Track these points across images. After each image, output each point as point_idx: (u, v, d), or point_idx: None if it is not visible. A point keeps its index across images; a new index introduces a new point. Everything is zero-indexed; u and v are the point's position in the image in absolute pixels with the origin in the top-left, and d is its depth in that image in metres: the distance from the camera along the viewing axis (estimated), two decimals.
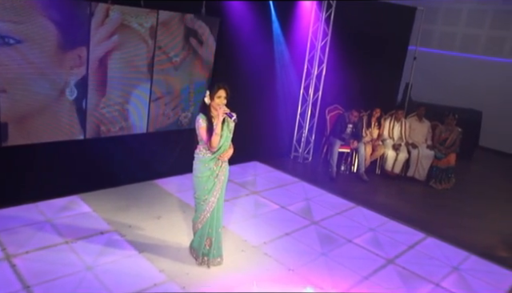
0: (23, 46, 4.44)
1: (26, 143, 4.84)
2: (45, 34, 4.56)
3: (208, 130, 3.71)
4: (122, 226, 4.55)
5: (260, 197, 5.82)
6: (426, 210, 6.26)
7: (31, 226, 4.33)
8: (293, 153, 7.92)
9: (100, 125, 5.35)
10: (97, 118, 5.30)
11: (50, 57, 4.65)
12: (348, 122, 7.19)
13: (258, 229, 4.91)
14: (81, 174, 5.25)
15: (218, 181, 3.89)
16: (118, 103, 5.45)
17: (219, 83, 3.74)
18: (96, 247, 4.11)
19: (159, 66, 5.64)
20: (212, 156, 3.81)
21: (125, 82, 5.47)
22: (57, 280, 3.56)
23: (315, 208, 5.66)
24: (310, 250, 4.57)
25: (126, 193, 5.38)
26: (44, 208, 4.72)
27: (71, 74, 4.88)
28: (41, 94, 4.72)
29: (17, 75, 4.49)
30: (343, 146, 7.24)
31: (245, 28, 6.27)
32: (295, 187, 6.35)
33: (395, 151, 7.34)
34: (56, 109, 4.89)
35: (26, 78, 4.56)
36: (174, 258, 4.11)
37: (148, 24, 5.37)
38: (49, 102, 4.81)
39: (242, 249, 4.44)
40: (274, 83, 7.27)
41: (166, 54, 5.67)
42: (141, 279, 3.72)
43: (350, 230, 5.14)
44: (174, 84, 5.89)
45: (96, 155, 5.38)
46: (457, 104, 9.12)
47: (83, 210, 4.80)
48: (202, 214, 3.91)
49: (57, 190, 5.00)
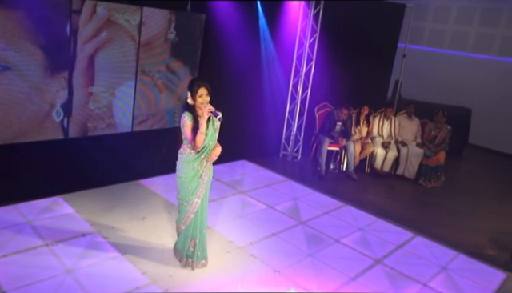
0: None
1: (6, 143, 4.73)
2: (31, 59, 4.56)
3: (193, 129, 3.62)
4: (104, 228, 4.45)
5: (247, 196, 5.74)
6: (415, 208, 6.23)
7: (10, 229, 4.20)
8: (282, 151, 7.85)
9: (86, 123, 5.25)
10: (83, 117, 5.20)
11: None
12: (337, 119, 7.14)
13: (245, 229, 4.83)
14: (64, 174, 5.13)
15: (202, 181, 3.80)
16: (104, 101, 5.36)
17: (198, 82, 3.64)
18: (77, 250, 4.00)
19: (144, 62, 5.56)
20: (196, 155, 3.72)
21: (112, 79, 5.39)
22: (35, 284, 3.45)
23: (303, 208, 5.59)
24: (296, 250, 4.50)
25: (110, 193, 5.27)
26: (24, 209, 4.59)
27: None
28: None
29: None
30: (332, 144, 7.18)
31: (231, 26, 6.19)
32: (283, 186, 6.28)
33: (384, 149, 7.30)
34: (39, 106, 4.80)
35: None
36: (158, 260, 4.01)
37: (135, 21, 5.29)
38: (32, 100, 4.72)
39: (228, 250, 4.36)
40: (262, 81, 7.18)
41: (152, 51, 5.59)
42: (123, 282, 3.62)
43: (338, 230, 5.08)
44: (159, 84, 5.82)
45: (79, 155, 5.26)
46: (446, 102, 9.10)
47: (65, 212, 4.69)
48: (186, 215, 3.82)
49: (39, 191, 4.87)
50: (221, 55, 6.25)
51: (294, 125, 7.65)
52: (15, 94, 4.60)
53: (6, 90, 4.51)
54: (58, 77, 4.87)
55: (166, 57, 5.79)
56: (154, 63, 5.72)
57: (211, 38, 6.06)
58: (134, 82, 5.57)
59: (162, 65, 5.80)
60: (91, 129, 5.36)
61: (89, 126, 5.33)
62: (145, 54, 5.55)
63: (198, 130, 3.57)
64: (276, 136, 7.79)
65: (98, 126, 5.43)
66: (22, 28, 4.45)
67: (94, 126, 5.38)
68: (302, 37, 7.32)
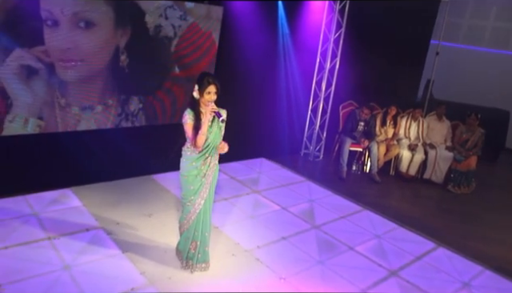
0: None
1: (18, 134, 4.72)
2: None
3: (194, 128, 3.44)
4: (109, 223, 4.35)
5: (261, 196, 5.53)
6: (440, 216, 5.84)
7: (16, 220, 4.17)
8: (303, 150, 7.59)
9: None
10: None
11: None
12: (359, 119, 6.81)
13: (254, 231, 4.63)
14: (75, 166, 5.08)
15: (206, 181, 3.62)
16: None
17: (209, 78, 3.43)
18: (78, 245, 3.92)
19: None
20: (199, 154, 3.55)
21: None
22: (30, 279, 3.38)
23: (318, 211, 5.34)
24: (306, 257, 4.26)
25: (120, 187, 5.18)
26: (33, 201, 4.56)
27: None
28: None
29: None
30: (354, 144, 6.87)
31: (250, 18, 5.97)
32: (300, 187, 6.03)
33: (411, 152, 6.91)
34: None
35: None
36: (159, 260, 3.88)
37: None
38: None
39: (233, 253, 4.17)
40: (283, 77, 6.95)
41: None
42: (118, 282, 3.50)
43: (353, 237, 4.80)
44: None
45: (92, 147, 5.23)
46: (481, 103, 8.56)
47: (73, 205, 4.63)
48: (188, 215, 3.66)
49: (49, 183, 4.84)
50: (239, 49, 6.05)
51: (317, 123, 7.37)
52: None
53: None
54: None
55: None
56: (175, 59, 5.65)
57: (229, 30, 5.87)
58: (165, 78, 5.54)
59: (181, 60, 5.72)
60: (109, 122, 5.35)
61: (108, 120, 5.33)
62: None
63: (199, 130, 3.39)
64: (298, 134, 7.55)
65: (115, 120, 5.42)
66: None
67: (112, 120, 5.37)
68: (327, 32, 7.01)
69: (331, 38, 6.98)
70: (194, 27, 5.65)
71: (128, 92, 5.47)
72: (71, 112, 5.08)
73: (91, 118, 5.26)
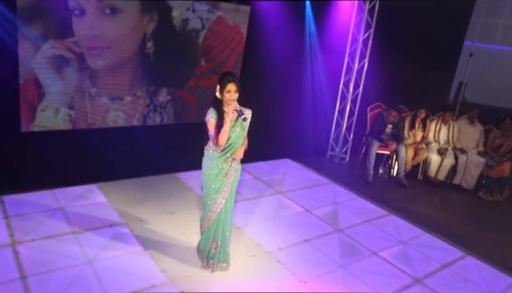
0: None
1: (46, 130, 4.84)
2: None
3: (217, 127, 3.44)
4: (132, 220, 4.41)
5: (285, 197, 5.48)
6: (470, 224, 5.64)
7: (43, 213, 4.28)
8: (329, 152, 7.50)
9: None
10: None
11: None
12: (387, 121, 6.66)
13: (276, 233, 4.59)
14: (101, 162, 5.16)
15: (227, 180, 3.61)
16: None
17: (228, 76, 3.43)
18: (102, 240, 3.99)
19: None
20: (221, 153, 3.54)
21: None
22: (54, 272, 3.46)
23: (342, 214, 5.25)
24: (328, 260, 4.19)
25: (145, 185, 5.25)
26: (60, 195, 4.67)
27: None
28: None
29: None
30: (382, 147, 6.72)
31: (277, 18, 5.93)
32: (325, 189, 5.94)
33: (440, 156, 6.71)
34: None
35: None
36: (180, 258, 3.89)
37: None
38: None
39: (254, 254, 4.14)
40: (310, 78, 6.87)
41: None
42: (139, 279, 3.53)
43: (378, 242, 4.69)
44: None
45: (118, 144, 5.30)
46: None
47: (98, 200, 4.71)
48: (209, 214, 3.66)
49: (76, 178, 4.95)
50: (265, 49, 6.01)
51: (344, 124, 7.26)
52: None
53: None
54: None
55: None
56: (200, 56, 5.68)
57: (256, 30, 5.84)
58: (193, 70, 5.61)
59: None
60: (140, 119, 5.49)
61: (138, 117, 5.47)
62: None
63: (221, 128, 3.38)
64: (324, 135, 7.46)
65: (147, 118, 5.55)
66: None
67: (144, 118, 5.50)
68: (356, 32, 6.89)
69: (360, 39, 6.86)
70: (222, 20, 5.64)
71: (157, 83, 5.51)
72: (101, 102, 5.14)
73: (120, 109, 5.32)
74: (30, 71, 4.55)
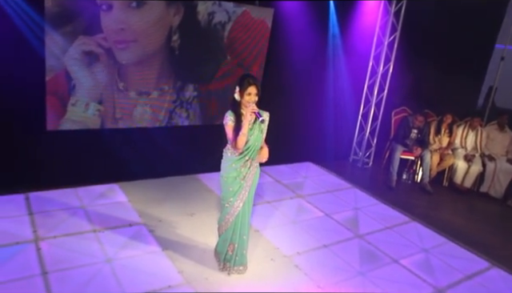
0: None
1: (71, 129, 4.94)
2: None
3: (235, 129, 3.42)
4: (152, 220, 4.45)
5: (305, 201, 5.43)
6: (497, 233, 5.45)
7: (65, 211, 4.37)
8: (352, 156, 7.40)
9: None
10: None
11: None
12: (412, 126, 6.52)
13: (295, 237, 4.54)
14: (124, 162, 5.23)
15: (246, 184, 3.59)
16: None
17: (249, 79, 3.41)
18: (121, 239, 4.03)
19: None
20: (240, 156, 3.52)
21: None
22: (73, 269, 3.51)
23: (363, 219, 5.16)
24: (346, 267, 4.12)
25: (165, 185, 5.29)
26: (82, 194, 4.76)
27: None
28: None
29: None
30: (406, 152, 6.58)
31: (300, 18, 5.88)
32: (346, 194, 5.86)
33: (467, 163, 6.52)
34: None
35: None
36: (197, 259, 3.90)
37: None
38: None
39: (272, 258, 4.11)
40: (333, 79, 6.78)
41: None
42: (156, 279, 3.55)
43: (399, 249, 4.58)
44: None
45: (141, 144, 5.37)
46: None
47: (118, 200, 4.78)
48: (226, 217, 3.65)
49: (98, 177, 5.03)
50: (287, 50, 5.98)
51: (367, 128, 7.15)
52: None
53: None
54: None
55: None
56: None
57: (279, 32, 5.82)
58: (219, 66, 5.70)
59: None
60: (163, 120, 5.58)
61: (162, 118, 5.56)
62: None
63: (239, 131, 3.37)
64: (346, 139, 7.36)
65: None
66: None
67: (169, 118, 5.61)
68: (381, 35, 6.78)
69: (385, 42, 6.74)
70: (246, 14, 5.63)
71: (183, 78, 5.55)
72: (128, 96, 5.21)
73: (147, 103, 5.38)
74: (60, 67, 4.66)
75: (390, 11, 6.65)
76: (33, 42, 4.41)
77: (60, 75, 4.69)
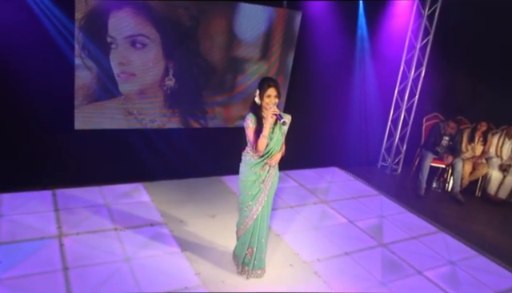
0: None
1: (98, 128, 5.05)
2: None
3: (256, 132, 3.40)
4: (173, 221, 4.47)
5: (328, 207, 5.34)
6: None
7: (89, 209, 4.46)
8: (380, 162, 7.23)
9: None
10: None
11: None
12: (443, 133, 6.30)
13: (316, 243, 4.46)
14: (149, 162, 5.31)
15: (265, 187, 3.55)
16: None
17: (269, 81, 3.38)
18: (141, 239, 4.07)
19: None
20: (259, 160, 3.49)
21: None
22: (93, 267, 3.57)
23: (388, 228, 5.01)
24: (367, 276, 4.01)
25: (189, 186, 5.31)
26: (107, 192, 4.84)
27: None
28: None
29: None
30: (436, 160, 6.37)
31: (328, 20, 5.80)
32: (372, 201, 5.72)
33: (502, 172, 6.25)
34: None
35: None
36: (216, 262, 3.89)
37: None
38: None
39: (291, 263, 4.05)
40: (362, 83, 6.65)
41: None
42: (173, 280, 3.56)
43: (424, 260, 4.42)
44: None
45: (167, 145, 5.44)
46: None
47: (142, 199, 4.83)
48: (245, 220, 3.62)
49: (123, 176, 5.11)
50: (315, 53, 5.92)
51: (397, 134, 6.97)
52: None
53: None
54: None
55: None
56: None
57: (306, 35, 5.76)
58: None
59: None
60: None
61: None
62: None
63: (260, 134, 3.34)
64: (375, 145, 7.20)
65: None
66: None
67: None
68: (413, 39, 6.59)
69: (417, 45, 6.56)
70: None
71: (208, 87, 5.69)
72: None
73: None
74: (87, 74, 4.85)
75: (423, 14, 6.46)
76: (62, 46, 4.55)
77: (87, 79, 4.84)
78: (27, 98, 4.46)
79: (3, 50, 4.25)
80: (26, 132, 4.60)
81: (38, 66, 4.44)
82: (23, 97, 4.45)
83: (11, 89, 4.40)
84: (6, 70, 4.30)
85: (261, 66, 5.78)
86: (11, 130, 4.53)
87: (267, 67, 5.82)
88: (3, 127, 4.49)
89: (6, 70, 4.30)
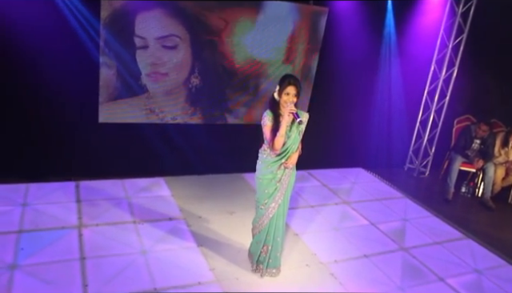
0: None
1: (122, 122, 5.13)
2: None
3: (273, 130, 3.35)
4: (191, 216, 4.48)
5: (350, 208, 5.23)
6: None
7: (110, 201, 4.53)
8: (407, 164, 7.03)
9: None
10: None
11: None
12: (474, 136, 6.05)
13: (334, 244, 4.38)
14: (171, 157, 5.36)
15: (281, 186, 3.50)
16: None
17: (290, 78, 3.33)
18: (159, 233, 4.10)
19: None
20: (276, 158, 3.45)
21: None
22: (109, 258, 3.62)
23: (411, 232, 4.86)
24: (385, 280, 3.90)
25: (210, 182, 5.32)
26: (128, 185, 4.91)
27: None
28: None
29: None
30: (466, 163, 6.13)
31: (355, 18, 5.68)
32: (396, 203, 5.56)
33: None
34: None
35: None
36: (231, 258, 3.87)
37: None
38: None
39: (307, 263, 3.98)
40: (389, 83, 6.48)
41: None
42: (187, 274, 3.57)
43: (447, 267, 4.26)
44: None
45: (190, 140, 5.46)
46: None
47: (162, 193, 4.88)
48: (261, 218, 3.59)
49: (145, 170, 5.16)
50: (341, 53, 5.81)
51: (425, 136, 6.76)
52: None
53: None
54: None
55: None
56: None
57: (332, 31, 5.67)
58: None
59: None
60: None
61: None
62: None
63: (277, 132, 3.29)
64: (403, 147, 7.00)
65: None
66: None
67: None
68: (446, 37, 6.37)
69: (450, 45, 6.33)
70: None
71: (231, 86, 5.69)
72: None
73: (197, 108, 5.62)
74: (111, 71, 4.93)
75: (456, 12, 6.22)
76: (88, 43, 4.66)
77: (110, 77, 4.94)
78: (55, 93, 4.57)
79: (34, 49, 4.38)
80: (54, 126, 4.73)
81: (66, 64, 4.57)
82: (52, 92, 4.56)
83: (41, 84, 4.51)
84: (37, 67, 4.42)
85: (285, 68, 5.72)
86: (41, 124, 4.66)
87: (291, 69, 5.77)
88: (34, 121, 4.63)
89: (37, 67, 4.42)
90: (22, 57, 4.38)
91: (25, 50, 4.37)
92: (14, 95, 4.48)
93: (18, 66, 4.39)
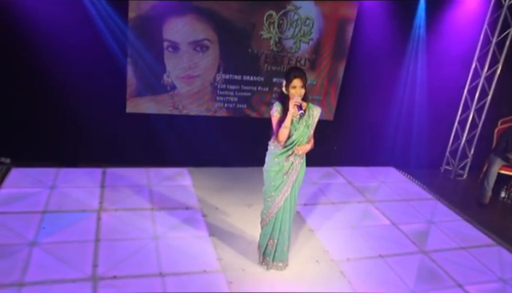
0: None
1: (149, 112, 5.30)
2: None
3: (279, 121, 3.34)
4: (208, 207, 4.56)
5: (373, 207, 5.08)
6: None
7: (132, 188, 4.70)
8: (444, 166, 6.72)
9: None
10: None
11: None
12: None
13: (349, 242, 4.28)
14: (196, 148, 5.46)
15: (288, 179, 3.47)
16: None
17: (295, 71, 3.29)
18: (173, 220, 4.21)
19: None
20: (283, 150, 3.43)
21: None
22: (122, 241, 3.77)
23: (435, 235, 4.65)
24: (398, 282, 3.76)
25: (232, 174, 5.38)
26: (152, 174, 5.07)
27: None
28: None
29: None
30: (506, 167, 5.75)
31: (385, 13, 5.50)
32: (424, 205, 5.34)
33: None
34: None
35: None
36: (240, 250, 3.90)
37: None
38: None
39: (317, 260, 3.93)
40: (426, 81, 6.19)
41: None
42: (194, 262, 3.64)
43: (469, 273, 4.04)
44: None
45: (214, 133, 5.54)
46: None
47: (183, 183, 4.99)
48: (268, 211, 3.58)
49: (170, 160, 5.30)
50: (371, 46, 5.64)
51: (464, 137, 6.42)
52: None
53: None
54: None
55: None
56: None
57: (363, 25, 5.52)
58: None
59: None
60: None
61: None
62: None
63: None
64: (439, 147, 6.69)
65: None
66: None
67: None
68: (489, 33, 6.00)
69: (493, 40, 5.96)
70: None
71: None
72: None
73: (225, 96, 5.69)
74: None
75: (503, 3, 5.84)
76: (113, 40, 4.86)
77: (136, 76, 5.14)
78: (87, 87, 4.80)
79: (75, 46, 4.65)
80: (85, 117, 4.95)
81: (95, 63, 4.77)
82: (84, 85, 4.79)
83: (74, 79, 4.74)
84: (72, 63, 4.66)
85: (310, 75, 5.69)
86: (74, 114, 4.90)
87: (316, 75, 5.72)
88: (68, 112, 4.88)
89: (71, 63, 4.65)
90: (62, 55, 4.60)
91: (64, 50, 4.61)
92: (52, 90, 4.73)
93: (56, 63, 4.60)
